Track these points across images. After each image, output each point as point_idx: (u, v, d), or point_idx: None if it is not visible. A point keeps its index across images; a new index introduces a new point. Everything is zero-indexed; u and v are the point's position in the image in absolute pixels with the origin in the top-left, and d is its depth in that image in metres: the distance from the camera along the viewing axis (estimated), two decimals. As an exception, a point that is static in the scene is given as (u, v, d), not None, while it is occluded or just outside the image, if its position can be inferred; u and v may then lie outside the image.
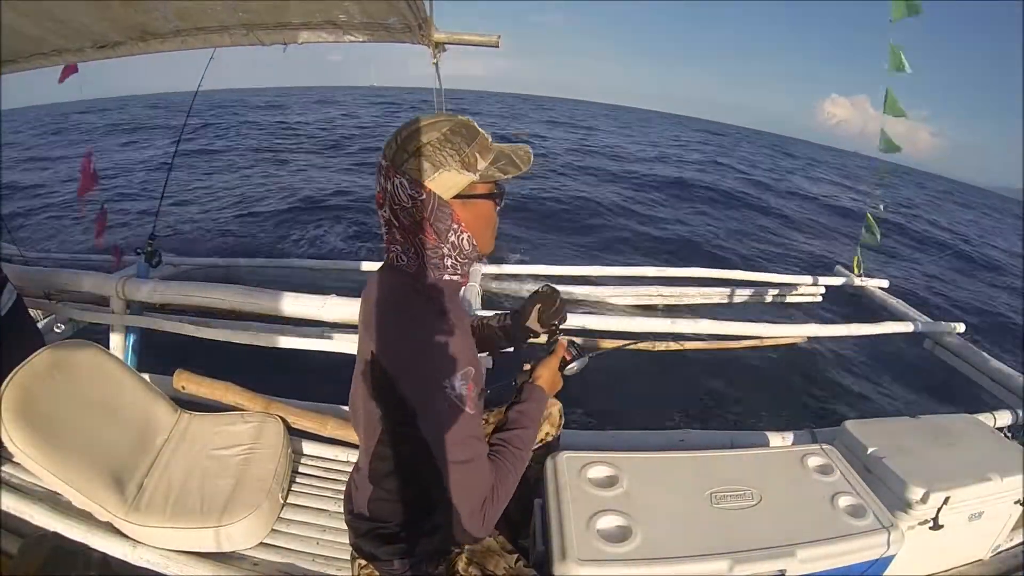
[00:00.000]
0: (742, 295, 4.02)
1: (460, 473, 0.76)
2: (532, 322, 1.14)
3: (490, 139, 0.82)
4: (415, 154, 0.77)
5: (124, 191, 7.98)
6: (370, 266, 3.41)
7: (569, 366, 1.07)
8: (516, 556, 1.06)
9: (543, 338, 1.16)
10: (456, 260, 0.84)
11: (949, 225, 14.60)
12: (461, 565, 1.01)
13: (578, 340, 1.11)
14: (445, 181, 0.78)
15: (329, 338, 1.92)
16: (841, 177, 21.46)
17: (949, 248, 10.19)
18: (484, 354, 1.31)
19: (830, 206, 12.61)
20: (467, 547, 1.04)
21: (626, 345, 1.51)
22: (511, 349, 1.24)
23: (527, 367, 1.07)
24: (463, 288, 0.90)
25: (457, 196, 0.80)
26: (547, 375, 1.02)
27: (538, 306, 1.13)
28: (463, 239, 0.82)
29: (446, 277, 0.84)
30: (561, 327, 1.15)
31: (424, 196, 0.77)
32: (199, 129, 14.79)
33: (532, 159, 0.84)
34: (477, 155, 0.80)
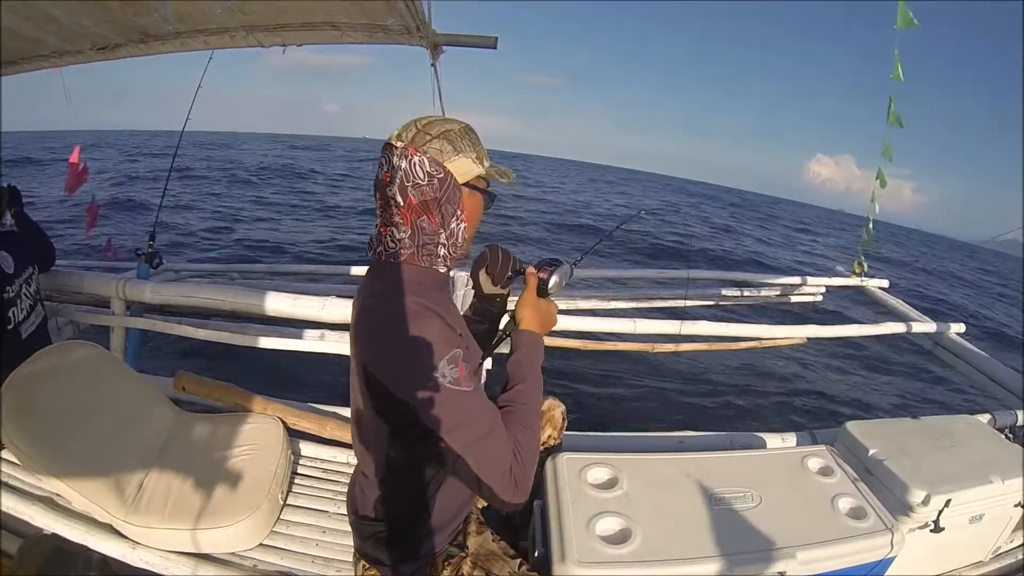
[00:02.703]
0: (742, 296, 4.01)
1: (481, 449, 0.76)
2: (489, 288, 1.08)
3: None
4: (438, 137, 0.83)
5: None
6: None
7: (551, 284, 1.01)
8: (520, 561, 1.05)
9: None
10: (448, 251, 0.87)
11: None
12: (466, 569, 1.01)
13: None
14: (461, 166, 0.84)
15: (329, 340, 1.92)
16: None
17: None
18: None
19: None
20: (471, 551, 1.04)
21: (626, 347, 1.51)
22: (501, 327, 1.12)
23: (508, 317, 1.02)
24: (461, 289, 0.91)
25: (466, 184, 0.86)
26: (528, 312, 0.97)
27: (483, 270, 1.07)
28: (460, 229, 0.87)
29: (435, 267, 0.87)
30: (524, 271, 1.05)
31: (443, 175, 0.82)
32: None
33: (515, 177, 0.93)
34: (484, 154, 0.88)
